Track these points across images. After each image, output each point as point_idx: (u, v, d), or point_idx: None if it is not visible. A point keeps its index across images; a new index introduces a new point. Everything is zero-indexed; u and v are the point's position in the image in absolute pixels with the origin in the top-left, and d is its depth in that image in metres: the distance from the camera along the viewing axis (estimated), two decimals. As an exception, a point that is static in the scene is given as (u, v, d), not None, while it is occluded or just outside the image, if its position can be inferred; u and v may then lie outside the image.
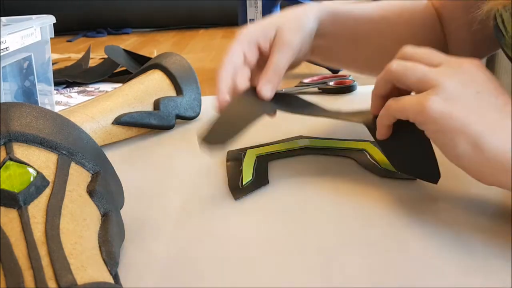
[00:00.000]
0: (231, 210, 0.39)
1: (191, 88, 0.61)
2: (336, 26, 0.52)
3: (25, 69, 0.60)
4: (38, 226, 0.26)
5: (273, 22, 0.47)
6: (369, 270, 0.31)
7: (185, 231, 0.36)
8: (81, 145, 0.33)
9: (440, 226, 0.35)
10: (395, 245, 0.33)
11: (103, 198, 0.32)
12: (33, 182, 0.28)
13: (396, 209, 0.38)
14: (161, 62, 0.62)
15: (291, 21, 0.47)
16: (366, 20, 0.54)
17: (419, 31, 0.56)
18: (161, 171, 0.48)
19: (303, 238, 0.35)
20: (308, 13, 0.49)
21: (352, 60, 0.57)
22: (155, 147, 0.54)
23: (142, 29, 1.59)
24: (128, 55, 0.92)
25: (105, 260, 0.28)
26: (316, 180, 0.43)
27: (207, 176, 0.45)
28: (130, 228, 0.36)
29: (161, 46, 1.26)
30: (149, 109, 0.57)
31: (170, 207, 0.40)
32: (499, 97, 0.34)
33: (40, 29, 0.61)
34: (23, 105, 0.33)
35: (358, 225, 0.36)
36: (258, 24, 0.47)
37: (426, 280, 0.30)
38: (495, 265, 0.31)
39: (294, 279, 0.30)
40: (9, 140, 0.31)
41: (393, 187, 0.41)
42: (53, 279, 0.23)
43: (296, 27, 0.47)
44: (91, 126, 0.52)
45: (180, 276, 0.31)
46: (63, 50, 1.24)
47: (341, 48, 0.54)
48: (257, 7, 0.84)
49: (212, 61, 1.03)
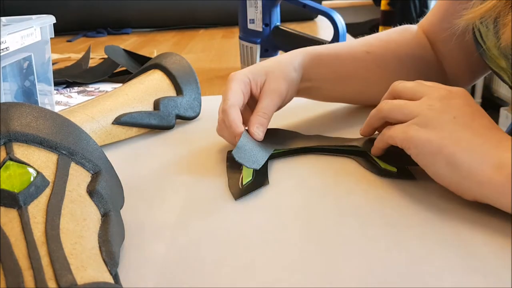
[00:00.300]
0: (231, 210, 0.39)
1: (191, 88, 0.61)
2: (321, 69, 0.55)
3: (25, 69, 0.60)
4: (38, 226, 0.26)
5: (263, 69, 0.51)
6: (369, 270, 0.31)
7: (185, 231, 0.36)
8: (81, 145, 0.33)
9: (440, 226, 0.35)
10: (395, 245, 0.33)
11: (103, 198, 0.32)
12: (33, 182, 0.28)
13: (396, 209, 0.38)
14: (161, 62, 0.62)
15: (278, 69, 0.51)
16: (351, 59, 0.56)
17: (407, 61, 0.58)
18: (161, 171, 0.48)
19: (303, 238, 0.35)
20: (293, 61, 0.53)
21: (339, 96, 0.60)
22: (155, 147, 0.54)
23: (142, 29, 1.59)
24: (128, 55, 0.92)
25: (105, 260, 0.28)
26: (316, 180, 0.43)
27: (207, 176, 0.45)
28: (130, 228, 0.36)
29: (161, 46, 1.26)
30: (149, 109, 0.57)
31: (170, 207, 0.40)
32: (476, 120, 0.37)
33: (40, 29, 0.61)
34: (23, 105, 0.33)
35: (358, 225, 0.36)
36: (250, 69, 0.51)
37: (426, 280, 0.30)
38: (495, 265, 0.31)
39: (294, 279, 0.30)
40: (9, 140, 0.31)
41: (393, 187, 0.41)
42: (53, 279, 0.23)
43: (282, 76, 0.51)
44: (91, 126, 0.52)
45: (180, 276, 0.31)
46: (63, 50, 1.24)
47: (327, 88, 0.57)
48: (257, 7, 0.84)
49: (212, 61, 1.03)
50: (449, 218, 0.36)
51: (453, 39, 0.51)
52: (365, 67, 0.56)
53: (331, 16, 0.79)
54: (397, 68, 0.57)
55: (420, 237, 0.34)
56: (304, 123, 0.58)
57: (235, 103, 0.46)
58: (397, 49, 0.57)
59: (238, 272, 0.31)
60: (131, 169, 0.48)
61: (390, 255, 0.32)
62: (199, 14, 1.56)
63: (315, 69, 0.54)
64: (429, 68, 0.59)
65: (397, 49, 0.57)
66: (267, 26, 0.85)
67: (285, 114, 0.56)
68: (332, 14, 0.79)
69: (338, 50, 0.56)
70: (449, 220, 0.36)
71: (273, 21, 0.85)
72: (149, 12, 1.55)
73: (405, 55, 0.57)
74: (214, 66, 0.98)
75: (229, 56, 1.08)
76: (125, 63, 0.88)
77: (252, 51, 0.87)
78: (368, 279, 0.30)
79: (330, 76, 0.55)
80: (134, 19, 1.57)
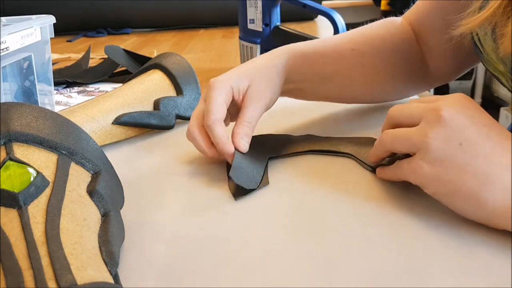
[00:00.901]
0: (231, 210, 0.39)
1: (191, 88, 0.61)
2: (304, 69, 0.53)
3: (25, 69, 0.60)
4: (38, 226, 0.26)
5: (244, 74, 0.49)
6: (369, 270, 0.31)
7: (185, 231, 0.36)
8: (81, 145, 0.33)
9: (440, 226, 0.35)
10: (395, 245, 0.33)
11: (103, 198, 0.32)
12: (33, 182, 0.28)
13: (396, 208, 0.38)
14: (161, 62, 0.62)
15: (260, 75, 0.49)
16: (335, 57, 0.55)
17: (391, 58, 0.57)
18: (161, 171, 0.48)
19: (303, 238, 0.35)
20: (276, 63, 0.51)
21: (322, 97, 0.58)
22: (155, 147, 0.54)
23: (142, 29, 1.59)
24: (128, 55, 0.92)
25: (105, 260, 0.27)
26: (316, 180, 0.43)
27: (207, 176, 0.45)
28: (130, 228, 0.36)
29: (161, 46, 1.26)
30: (149, 109, 0.57)
31: (170, 207, 0.40)
32: (484, 142, 0.34)
33: (40, 29, 0.61)
34: (23, 105, 0.33)
35: (358, 225, 0.36)
36: (231, 75, 0.48)
37: (426, 280, 0.30)
38: (495, 265, 0.31)
39: (294, 279, 0.30)
40: (9, 140, 0.31)
41: (393, 187, 0.41)
42: (53, 279, 0.23)
43: (265, 82, 0.49)
44: (91, 126, 0.52)
45: (180, 276, 0.31)
46: (63, 50, 1.24)
47: (310, 89, 0.56)
48: (257, 7, 0.84)
49: (212, 61, 1.03)
50: (449, 218, 0.36)
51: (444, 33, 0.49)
52: (349, 65, 0.55)
53: (331, 16, 0.79)
54: (381, 65, 0.56)
55: (420, 237, 0.34)
56: (293, 122, 0.58)
57: (219, 117, 0.45)
58: (382, 46, 0.56)
59: (238, 272, 0.31)
60: (131, 169, 0.48)
61: (390, 255, 0.32)
62: (199, 14, 1.56)
63: (298, 70, 0.53)
64: (412, 64, 0.58)
65: (382, 45, 0.56)
66: (267, 26, 0.85)
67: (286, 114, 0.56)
68: (332, 14, 0.79)
69: (323, 47, 0.55)
70: (449, 220, 0.36)
71: (273, 21, 0.85)
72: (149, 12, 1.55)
73: (390, 51, 0.56)
74: (214, 66, 0.98)
75: (229, 56, 1.08)
76: (125, 63, 0.88)
77: (252, 51, 0.87)
78: (368, 279, 0.30)
79: (313, 78, 0.54)
80: (134, 19, 1.57)
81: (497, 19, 0.41)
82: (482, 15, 0.42)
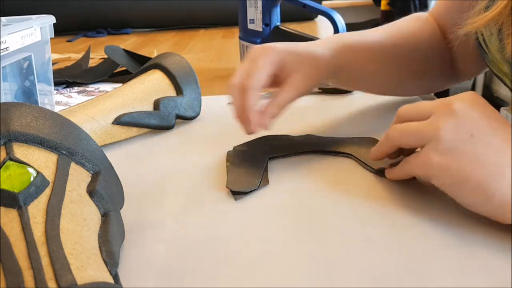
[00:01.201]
0: (231, 210, 0.39)
1: (191, 88, 0.61)
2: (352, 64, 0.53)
3: (25, 69, 0.60)
4: (38, 226, 0.26)
5: (296, 57, 0.48)
6: (369, 270, 0.31)
7: (185, 231, 0.36)
8: (81, 145, 0.33)
9: (440, 226, 0.35)
10: (395, 245, 0.33)
11: (103, 198, 0.32)
12: (33, 182, 0.28)
13: (396, 208, 0.38)
14: (161, 62, 0.62)
15: (310, 66, 0.48)
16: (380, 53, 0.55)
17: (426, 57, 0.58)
18: (161, 171, 0.48)
19: (303, 238, 0.35)
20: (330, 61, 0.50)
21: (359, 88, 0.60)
22: (155, 147, 0.54)
23: (142, 29, 1.59)
24: (128, 55, 0.92)
25: (105, 260, 0.27)
26: (316, 180, 0.43)
27: (207, 176, 0.45)
28: (130, 228, 0.36)
29: (161, 46, 1.26)
30: (149, 109, 0.57)
31: (170, 207, 0.40)
32: (495, 136, 0.34)
33: (40, 29, 0.61)
34: (23, 105, 0.33)
35: (358, 225, 0.36)
36: (283, 49, 0.48)
37: (426, 280, 0.30)
38: (495, 265, 0.31)
39: (294, 279, 0.30)
40: (9, 140, 0.31)
41: (393, 187, 0.41)
42: (53, 279, 0.23)
43: (312, 74, 0.48)
44: (91, 126, 0.52)
45: (180, 276, 0.31)
46: (63, 50, 1.24)
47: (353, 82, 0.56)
48: (257, 7, 0.84)
49: (212, 61, 1.03)
50: (449, 218, 0.36)
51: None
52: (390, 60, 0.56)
53: (331, 16, 0.79)
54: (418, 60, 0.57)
55: (420, 237, 0.34)
56: (293, 122, 0.58)
57: (258, 86, 0.45)
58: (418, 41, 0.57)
59: (238, 272, 0.31)
60: (131, 169, 0.48)
61: (390, 255, 0.32)
62: (199, 14, 1.56)
63: (347, 65, 0.52)
64: (443, 59, 0.59)
65: (418, 40, 0.57)
66: (267, 26, 0.85)
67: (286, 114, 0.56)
68: (332, 14, 0.79)
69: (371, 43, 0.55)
70: (449, 220, 0.36)
71: (273, 21, 0.85)
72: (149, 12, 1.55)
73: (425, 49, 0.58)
74: (214, 66, 0.98)
75: (229, 56, 1.08)
76: (125, 63, 0.88)
77: (252, 51, 0.86)
78: (368, 279, 0.30)
79: (358, 73, 0.55)
80: (134, 19, 1.57)
81: (504, 18, 0.41)
82: (488, 14, 0.42)
